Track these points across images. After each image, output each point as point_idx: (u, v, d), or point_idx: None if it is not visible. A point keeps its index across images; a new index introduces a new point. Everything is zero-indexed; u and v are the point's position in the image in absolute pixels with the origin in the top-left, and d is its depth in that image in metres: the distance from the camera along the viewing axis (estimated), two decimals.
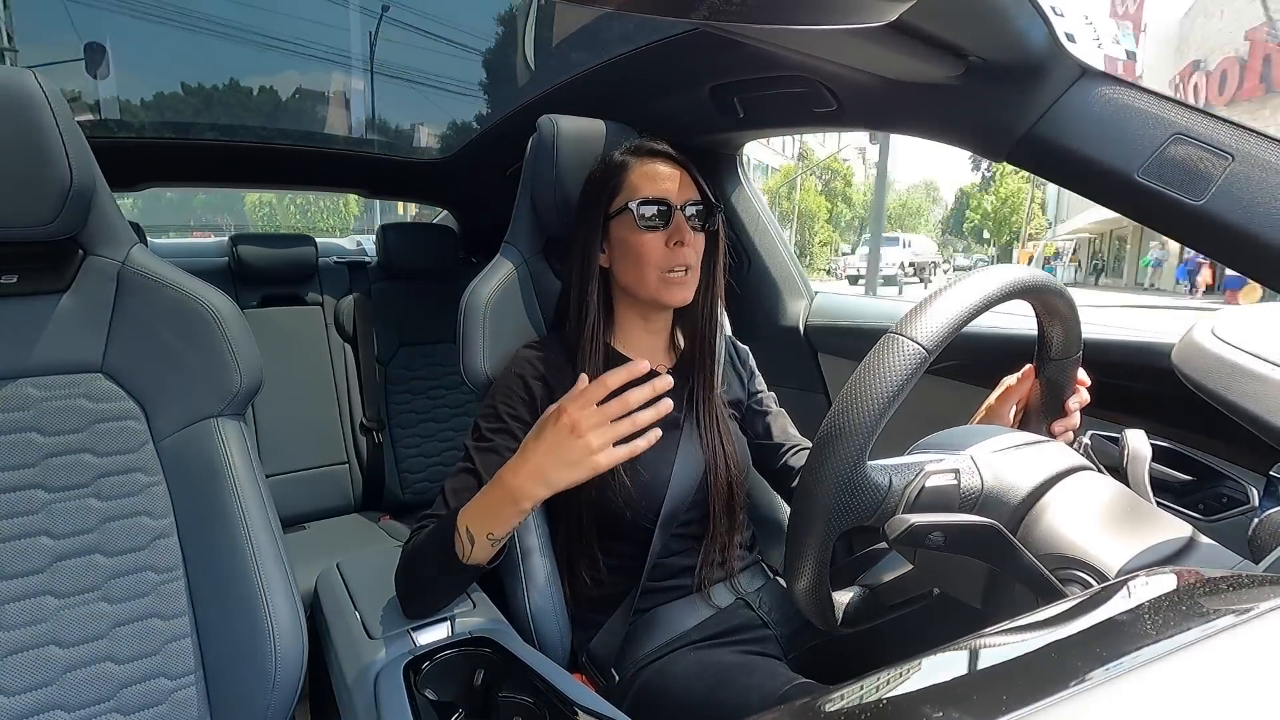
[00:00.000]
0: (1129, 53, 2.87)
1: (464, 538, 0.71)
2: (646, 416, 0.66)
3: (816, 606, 0.58)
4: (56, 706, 0.67)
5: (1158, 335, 0.88)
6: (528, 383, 0.84)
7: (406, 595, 0.79)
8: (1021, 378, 0.77)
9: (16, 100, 0.65)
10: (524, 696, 0.67)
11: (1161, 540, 0.50)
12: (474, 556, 0.72)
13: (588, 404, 0.65)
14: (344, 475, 1.86)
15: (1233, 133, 0.67)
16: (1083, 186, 0.76)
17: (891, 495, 0.54)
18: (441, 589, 0.79)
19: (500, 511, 0.70)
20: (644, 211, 0.83)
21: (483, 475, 0.78)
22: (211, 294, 0.77)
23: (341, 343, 1.91)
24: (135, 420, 0.75)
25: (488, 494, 0.71)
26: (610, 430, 0.65)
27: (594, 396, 0.65)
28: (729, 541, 0.91)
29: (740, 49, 0.94)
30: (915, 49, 0.73)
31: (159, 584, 0.73)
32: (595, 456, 0.65)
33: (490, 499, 0.70)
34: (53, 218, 0.68)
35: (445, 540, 0.73)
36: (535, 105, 1.39)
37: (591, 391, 0.65)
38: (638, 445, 0.66)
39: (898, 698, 0.26)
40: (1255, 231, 0.64)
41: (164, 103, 2.37)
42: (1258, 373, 0.46)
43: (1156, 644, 0.25)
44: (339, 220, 23.17)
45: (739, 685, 0.75)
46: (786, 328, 1.35)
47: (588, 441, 0.64)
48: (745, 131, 1.26)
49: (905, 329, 0.52)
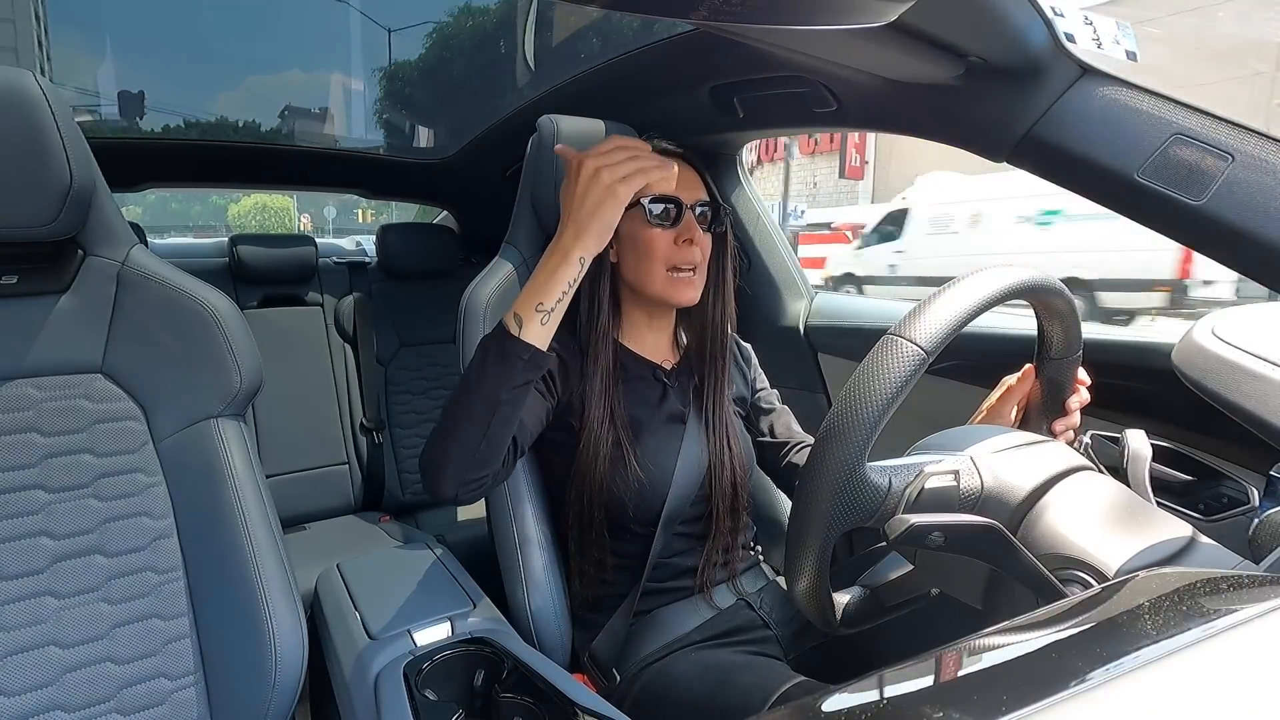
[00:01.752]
0: (1129, 53, 2.90)
1: (511, 322, 0.72)
2: (652, 164, 0.74)
3: (817, 607, 0.58)
4: (57, 707, 0.67)
5: (1158, 335, 0.88)
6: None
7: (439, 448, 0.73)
8: (1022, 377, 0.77)
9: (16, 100, 0.65)
10: (524, 697, 0.67)
11: (1161, 540, 0.50)
12: (526, 333, 0.72)
13: (599, 154, 0.73)
14: (344, 476, 1.86)
15: (1233, 133, 0.67)
16: (1083, 187, 0.76)
17: (891, 496, 0.54)
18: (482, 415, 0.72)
19: (549, 274, 0.73)
20: (654, 208, 0.83)
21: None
22: (211, 294, 0.77)
23: (341, 343, 1.91)
24: (135, 420, 0.75)
25: (535, 273, 0.74)
26: (619, 168, 0.72)
27: (605, 147, 0.74)
28: (732, 542, 0.91)
29: (740, 49, 0.94)
30: (915, 49, 0.73)
31: (159, 584, 0.73)
32: (614, 187, 0.72)
33: (538, 273, 0.74)
34: (53, 218, 0.68)
35: (492, 341, 0.73)
36: (535, 105, 1.39)
37: (602, 145, 0.75)
38: (651, 173, 0.74)
39: (898, 698, 0.26)
40: (1255, 231, 0.64)
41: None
42: (1258, 373, 0.46)
43: (1156, 644, 0.25)
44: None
45: (740, 685, 0.75)
46: (786, 328, 1.35)
47: (601, 178, 0.72)
48: (745, 132, 1.26)
49: (904, 331, 0.52)
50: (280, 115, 2.61)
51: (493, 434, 0.72)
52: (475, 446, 0.72)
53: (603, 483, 0.82)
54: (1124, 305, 6.22)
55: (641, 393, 0.89)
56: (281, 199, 24.59)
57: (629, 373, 0.89)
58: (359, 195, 2.31)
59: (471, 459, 0.72)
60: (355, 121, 4.65)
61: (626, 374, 0.88)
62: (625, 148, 0.74)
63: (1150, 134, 0.70)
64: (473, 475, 0.73)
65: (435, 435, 0.74)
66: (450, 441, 0.72)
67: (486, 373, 0.72)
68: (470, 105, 2.44)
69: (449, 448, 0.72)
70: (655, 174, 0.74)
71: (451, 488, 0.73)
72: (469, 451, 0.72)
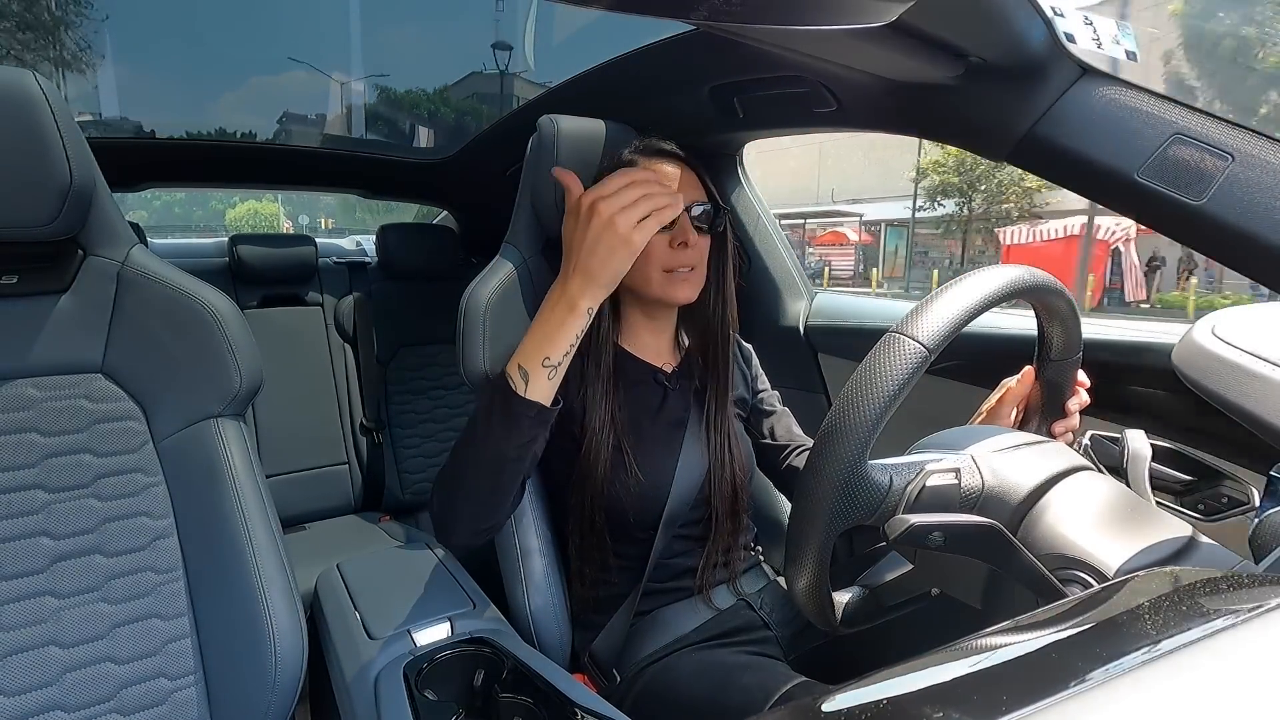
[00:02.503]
0: (1129, 53, 2.87)
1: (517, 377, 0.68)
2: (663, 198, 0.68)
3: (817, 607, 0.58)
4: (56, 707, 0.67)
5: (1158, 335, 0.88)
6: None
7: (448, 505, 0.72)
8: (1021, 379, 0.77)
9: (16, 100, 0.65)
10: (524, 697, 0.67)
11: (1161, 540, 0.50)
12: (531, 391, 0.68)
13: (609, 192, 0.67)
14: (344, 476, 1.86)
15: (1233, 133, 0.67)
16: (1083, 186, 0.76)
17: (892, 495, 0.54)
18: (491, 472, 0.71)
19: (555, 327, 0.68)
20: None
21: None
22: (211, 294, 0.77)
23: (341, 343, 1.91)
24: (135, 420, 0.75)
25: (537, 321, 0.70)
26: (634, 211, 0.66)
27: (614, 186, 0.68)
28: (732, 543, 0.91)
29: (740, 49, 0.94)
30: (915, 49, 0.73)
31: (159, 584, 0.73)
32: (630, 236, 0.66)
33: (541, 321, 0.69)
34: (53, 218, 0.68)
35: (497, 395, 0.68)
36: (535, 105, 1.39)
37: (611, 182, 0.68)
38: (664, 215, 0.68)
39: (898, 698, 0.26)
40: (1255, 231, 0.64)
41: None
42: (1258, 373, 0.46)
43: (1156, 644, 0.25)
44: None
45: (740, 685, 0.75)
46: (786, 328, 1.35)
47: (617, 225, 0.66)
48: (745, 132, 1.26)
49: (906, 328, 0.52)
50: (279, 121, 2.63)
51: (502, 486, 0.72)
52: (485, 500, 0.72)
53: (603, 486, 0.82)
54: None
55: (642, 397, 0.89)
56: (270, 205, 25.79)
57: (629, 377, 0.89)
58: (359, 195, 2.31)
59: (481, 512, 0.73)
60: (355, 122, 4.66)
61: (627, 378, 0.88)
62: (636, 184, 0.68)
63: (1150, 134, 0.70)
64: (483, 525, 0.75)
65: (444, 485, 0.73)
66: (459, 496, 0.72)
67: (493, 429, 0.69)
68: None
69: (458, 503, 0.73)
70: (669, 214, 0.69)
71: (463, 540, 0.74)
72: (478, 505, 0.72)
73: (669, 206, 0.68)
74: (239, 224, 30.57)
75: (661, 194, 0.68)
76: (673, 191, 0.69)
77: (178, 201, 30.42)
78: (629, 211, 0.66)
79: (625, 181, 0.68)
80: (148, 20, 9.15)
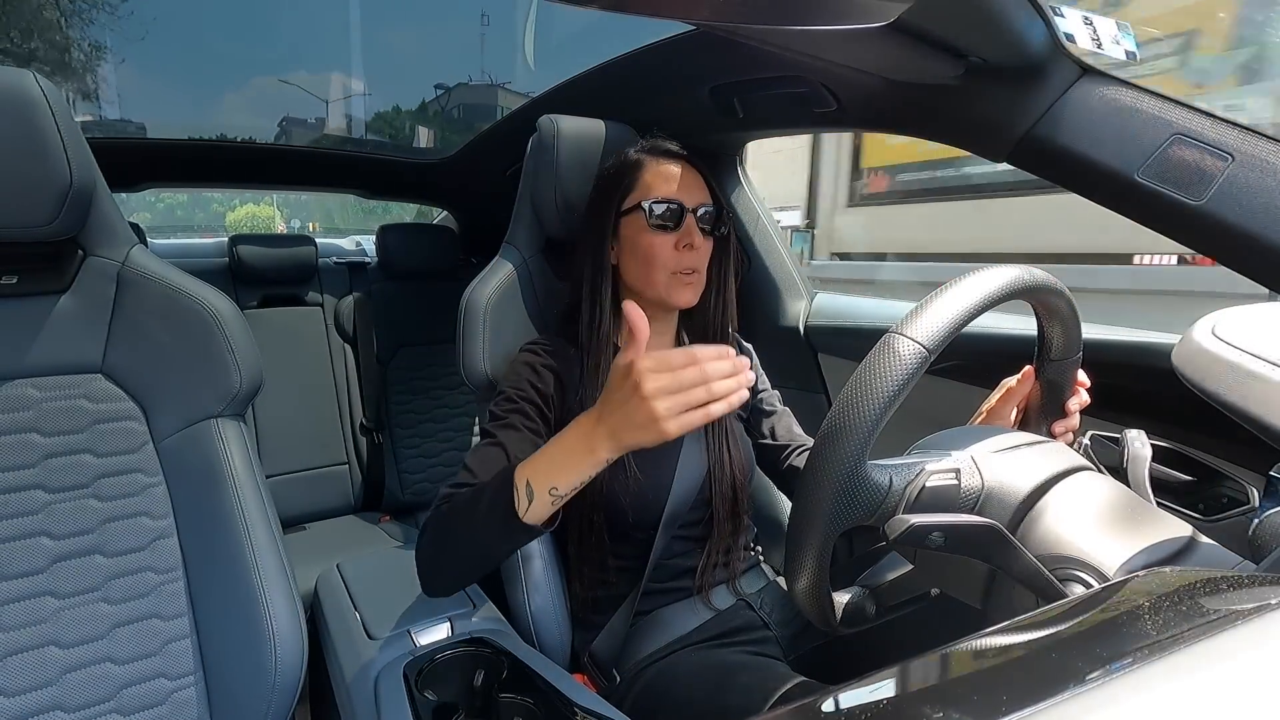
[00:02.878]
0: (1129, 53, 2.86)
1: (522, 492, 0.65)
2: (726, 386, 0.59)
3: (816, 607, 0.58)
4: (56, 707, 0.67)
5: (1158, 335, 0.88)
6: (537, 369, 0.83)
7: (433, 563, 0.73)
8: (1021, 379, 0.77)
9: (16, 100, 0.65)
10: (524, 697, 0.67)
11: (1161, 540, 0.50)
12: (531, 513, 0.65)
13: (661, 367, 0.58)
14: (344, 476, 1.86)
15: (1233, 133, 0.67)
16: (1083, 187, 0.76)
17: (892, 495, 0.54)
18: (479, 555, 0.70)
19: (571, 460, 0.63)
20: (656, 211, 0.83)
21: (507, 447, 0.75)
22: (211, 294, 0.77)
23: (341, 343, 1.91)
24: (135, 421, 0.75)
25: (558, 443, 0.65)
26: (683, 398, 0.58)
27: (671, 363, 0.58)
28: (732, 544, 0.91)
29: (740, 49, 0.94)
30: (915, 49, 0.73)
31: (159, 584, 0.73)
32: (663, 424, 0.58)
33: (560, 447, 0.65)
34: (52, 218, 0.68)
35: (499, 495, 0.66)
36: (535, 105, 1.39)
37: (671, 358, 0.59)
38: (713, 411, 0.59)
39: (898, 698, 0.26)
40: (1255, 232, 0.64)
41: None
42: (1258, 373, 0.46)
43: (1156, 644, 0.25)
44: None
45: (740, 686, 0.75)
46: (786, 328, 1.35)
47: (654, 407, 0.58)
48: (745, 132, 1.26)
49: (905, 329, 0.52)
50: (279, 125, 2.63)
51: (488, 566, 0.74)
52: (468, 573, 0.74)
53: (602, 486, 0.82)
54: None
55: None
56: (266, 208, 26.45)
57: None
58: (359, 195, 2.31)
59: (463, 577, 0.75)
60: (356, 122, 4.66)
61: None
62: (701, 366, 0.58)
63: (1150, 134, 0.70)
64: (464, 585, 0.78)
65: (432, 542, 0.72)
66: (444, 564, 0.73)
67: (489, 528, 0.68)
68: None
69: (442, 568, 0.74)
70: (721, 409, 0.59)
71: (442, 594, 0.76)
72: (461, 575, 0.75)
73: (725, 400, 0.59)
74: (238, 226, 31.63)
75: (725, 381, 0.59)
76: (741, 375, 0.60)
77: (180, 204, 31.32)
78: (677, 399, 0.58)
79: (688, 361, 0.58)
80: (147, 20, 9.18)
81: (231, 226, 31.06)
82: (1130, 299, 3.88)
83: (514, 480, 0.65)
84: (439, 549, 0.72)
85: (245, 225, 31.56)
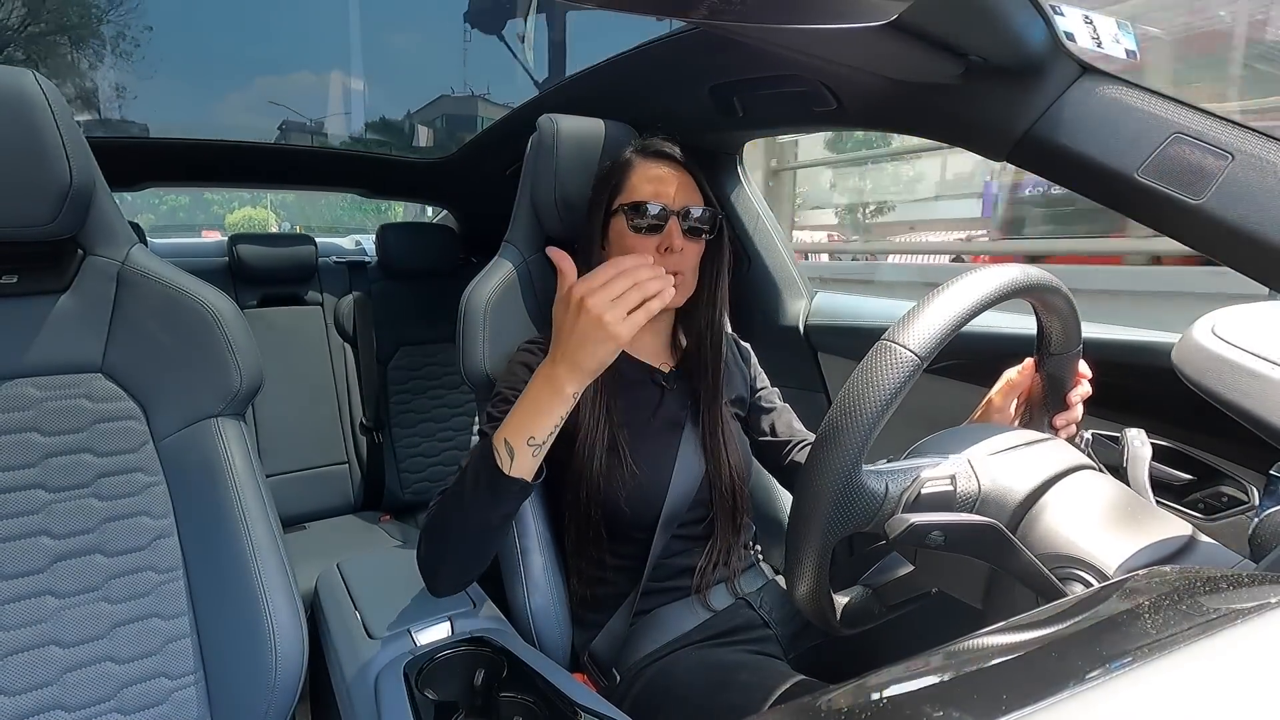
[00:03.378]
0: (1129, 52, 2.84)
1: (503, 451, 0.68)
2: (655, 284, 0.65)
3: (817, 609, 0.58)
4: (57, 706, 0.68)
5: (1158, 335, 0.88)
6: (533, 368, 0.83)
7: (436, 556, 0.75)
8: (1023, 370, 0.76)
9: (16, 100, 0.65)
10: (524, 696, 0.67)
11: (1161, 539, 0.50)
12: (516, 468, 0.68)
13: (595, 284, 0.65)
14: (344, 475, 1.86)
15: (1233, 132, 0.67)
16: (1083, 186, 0.76)
17: (888, 502, 0.54)
18: (477, 534, 0.73)
19: (541, 407, 0.68)
20: (637, 214, 0.83)
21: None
22: (211, 294, 0.77)
23: (341, 343, 1.91)
24: (135, 420, 0.75)
25: (524, 399, 0.69)
26: (622, 303, 0.64)
27: (603, 277, 0.65)
28: (732, 543, 0.91)
29: (740, 49, 0.94)
30: (915, 49, 0.73)
31: (159, 584, 0.73)
32: (614, 329, 0.64)
33: (528, 400, 0.69)
34: (52, 218, 0.68)
35: (482, 464, 0.69)
36: (535, 105, 1.39)
37: (600, 274, 0.65)
38: (652, 307, 0.66)
39: (898, 698, 0.26)
40: (1255, 231, 0.64)
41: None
42: (1258, 372, 0.46)
43: (1156, 643, 0.25)
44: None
45: (740, 685, 0.75)
46: (786, 328, 1.35)
47: (603, 319, 0.64)
48: (745, 131, 1.26)
49: (897, 336, 0.51)
50: (279, 128, 2.61)
51: (484, 551, 0.76)
52: (466, 562, 0.76)
53: (600, 486, 0.82)
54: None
55: (638, 398, 0.89)
56: (261, 211, 27.09)
57: (626, 378, 0.89)
58: (359, 195, 2.31)
59: (464, 570, 0.77)
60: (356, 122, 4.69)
61: (623, 379, 0.88)
62: (625, 273, 0.65)
63: (1150, 133, 0.70)
64: (466, 579, 0.79)
65: (429, 539, 0.76)
66: (444, 554, 0.75)
67: (479, 498, 0.70)
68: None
69: (443, 561, 0.76)
70: (658, 304, 0.66)
71: (449, 591, 0.78)
72: (463, 564, 0.76)
73: (658, 296, 0.66)
74: (236, 227, 32.14)
75: (652, 280, 0.66)
76: (663, 274, 0.67)
77: (182, 206, 32.06)
78: (618, 305, 0.64)
79: (614, 272, 0.65)
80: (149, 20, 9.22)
81: (231, 228, 31.65)
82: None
83: (493, 445, 0.69)
84: (438, 541, 0.75)
85: (242, 227, 32.21)
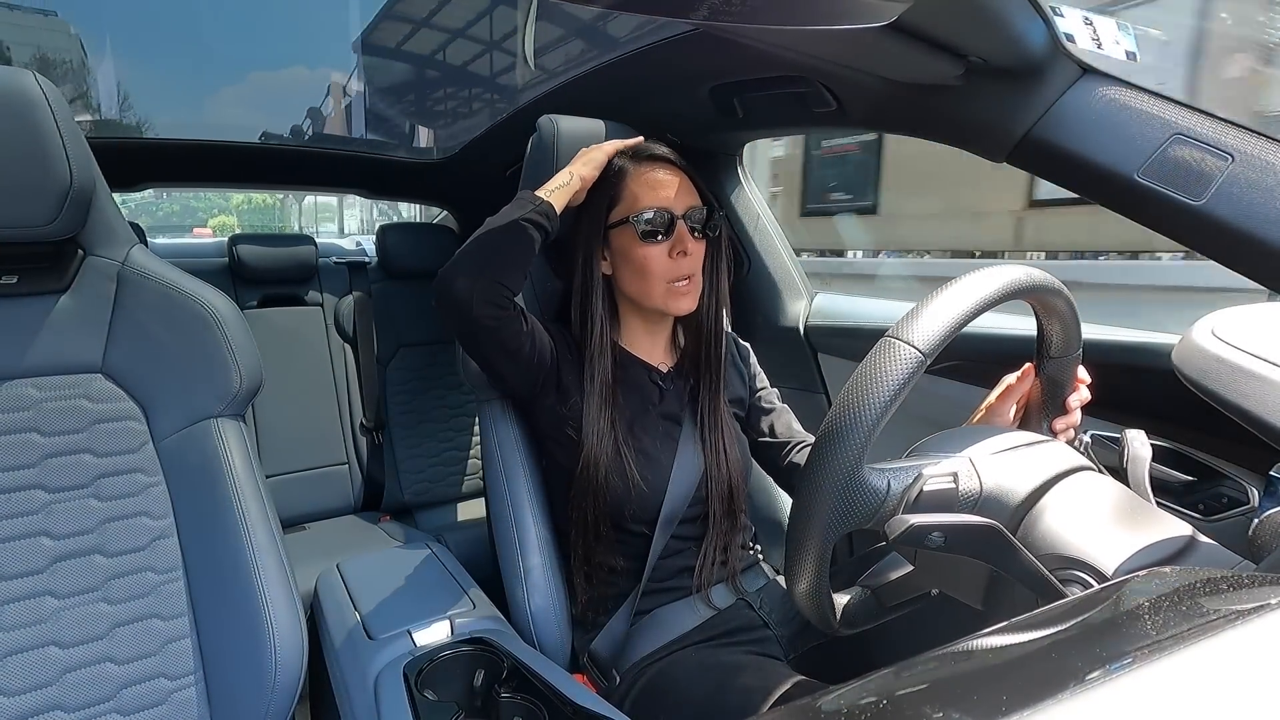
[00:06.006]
0: (1129, 53, 2.83)
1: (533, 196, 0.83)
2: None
3: (817, 609, 0.58)
4: (56, 707, 0.67)
5: (1158, 335, 0.88)
6: (545, 326, 0.88)
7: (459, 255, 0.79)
8: (1021, 376, 0.76)
9: (16, 101, 0.65)
10: (524, 697, 0.67)
11: (1161, 540, 0.50)
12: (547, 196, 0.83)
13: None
14: (344, 476, 1.86)
15: (1233, 133, 0.67)
16: (1083, 187, 0.76)
17: (890, 499, 0.54)
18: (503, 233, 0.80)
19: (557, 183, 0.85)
20: (645, 223, 0.83)
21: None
22: (211, 294, 0.77)
23: (341, 343, 1.91)
24: (135, 420, 0.75)
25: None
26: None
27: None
28: (730, 542, 0.91)
29: (740, 49, 0.94)
30: (915, 49, 0.73)
31: (159, 584, 0.73)
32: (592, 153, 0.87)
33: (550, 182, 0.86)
34: (52, 218, 0.68)
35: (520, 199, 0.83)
36: (535, 105, 1.39)
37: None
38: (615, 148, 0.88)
39: (898, 698, 0.26)
40: (1255, 232, 0.64)
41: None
42: (1258, 373, 0.46)
43: (1156, 644, 0.25)
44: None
45: (740, 685, 0.75)
46: (786, 328, 1.35)
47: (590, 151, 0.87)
48: (745, 131, 1.26)
49: (901, 333, 0.51)
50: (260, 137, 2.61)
51: (506, 251, 0.79)
52: (491, 251, 0.78)
53: (602, 484, 0.82)
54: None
55: (639, 395, 0.89)
56: (229, 218, 27.90)
57: (627, 375, 0.89)
58: (359, 195, 2.31)
59: (489, 260, 0.78)
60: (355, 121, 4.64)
61: (625, 377, 0.88)
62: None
63: (1150, 134, 0.70)
64: (485, 278, 0.77)
65: (460, 250, 0.80)
66: (469, 249, 0.79)
67: (502, 214, 0.81)
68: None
69: (467, 250, 0.79)
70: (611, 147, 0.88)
71: (466, 282, 0.77)
72: (486, 252, 0.78)
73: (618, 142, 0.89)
74: (216, 231, 32.92)
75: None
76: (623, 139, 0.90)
77: (174, 213, 32.89)
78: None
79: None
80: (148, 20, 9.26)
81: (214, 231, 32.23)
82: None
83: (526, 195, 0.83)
84: (462, 251, 0.79)
85: (219, 233, 32.95)
